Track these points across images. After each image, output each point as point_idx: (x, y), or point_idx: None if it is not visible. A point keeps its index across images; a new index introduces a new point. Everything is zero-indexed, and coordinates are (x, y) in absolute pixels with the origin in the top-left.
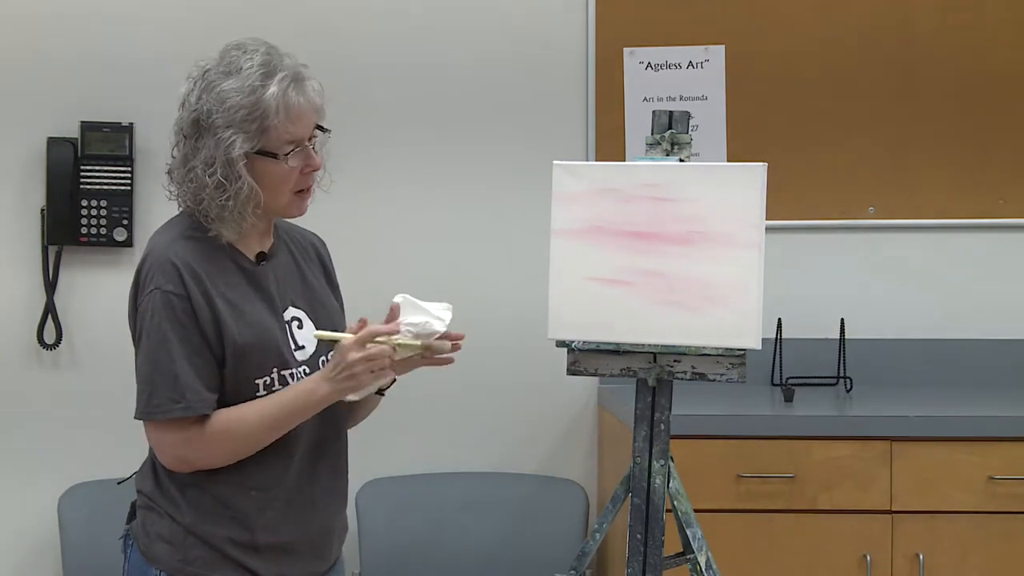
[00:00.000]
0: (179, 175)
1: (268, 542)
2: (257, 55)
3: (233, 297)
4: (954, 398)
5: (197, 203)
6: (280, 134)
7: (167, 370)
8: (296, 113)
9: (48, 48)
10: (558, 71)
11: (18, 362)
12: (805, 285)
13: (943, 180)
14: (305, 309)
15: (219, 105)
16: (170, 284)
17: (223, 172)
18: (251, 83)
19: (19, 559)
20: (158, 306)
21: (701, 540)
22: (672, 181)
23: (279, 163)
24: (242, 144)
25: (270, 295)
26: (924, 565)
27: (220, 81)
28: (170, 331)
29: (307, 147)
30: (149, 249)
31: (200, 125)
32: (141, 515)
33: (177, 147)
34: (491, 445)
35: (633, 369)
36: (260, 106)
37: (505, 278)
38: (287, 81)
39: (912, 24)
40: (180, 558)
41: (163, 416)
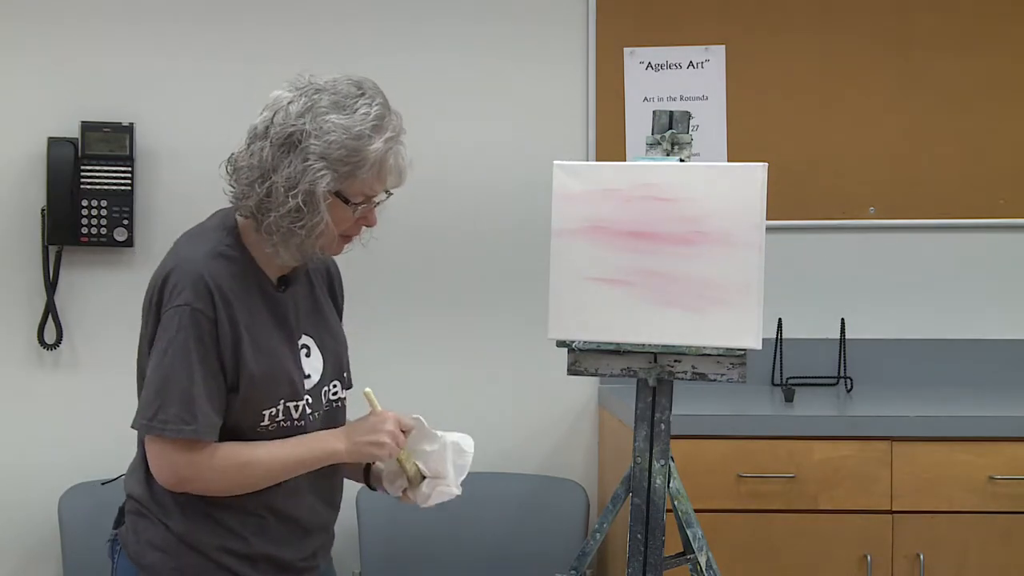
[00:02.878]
0: (250, 178)
1: (263, 553)
2: (374, 105)
3: (254, 324)
4: (954, 398)
5: (261, 213)
6: (362, 186)
7: (183, 389)
8: (386, 174)
9: (48, 48)
10: (558, 71)
11: (18, 362)
12: (805, 285)
13: (943, 180)
14: (315, 337)
15: (321, 134)
16: (200, 303)
17: (304, 199)
18: (360, 129)
19: (19, 559)
20: (186, 322)
21: (701, 540)
22: (672, 181)
23: (347, 209)
24: (329, 182)
25: (288, 323)
26: (924, 565)
27: (329, 111)
28: (194, 350)
29: (373, 204)
30: (181, 258)
31: (292, 142)
32: (131, 520)
33: (255, 149)
34: (491, 445)
35: (633, 369)
36: (359, 155)
37: (505, 279)
38: (392, 142)
39: (912, 24)
40: (173, 566)
41: (171, 434)
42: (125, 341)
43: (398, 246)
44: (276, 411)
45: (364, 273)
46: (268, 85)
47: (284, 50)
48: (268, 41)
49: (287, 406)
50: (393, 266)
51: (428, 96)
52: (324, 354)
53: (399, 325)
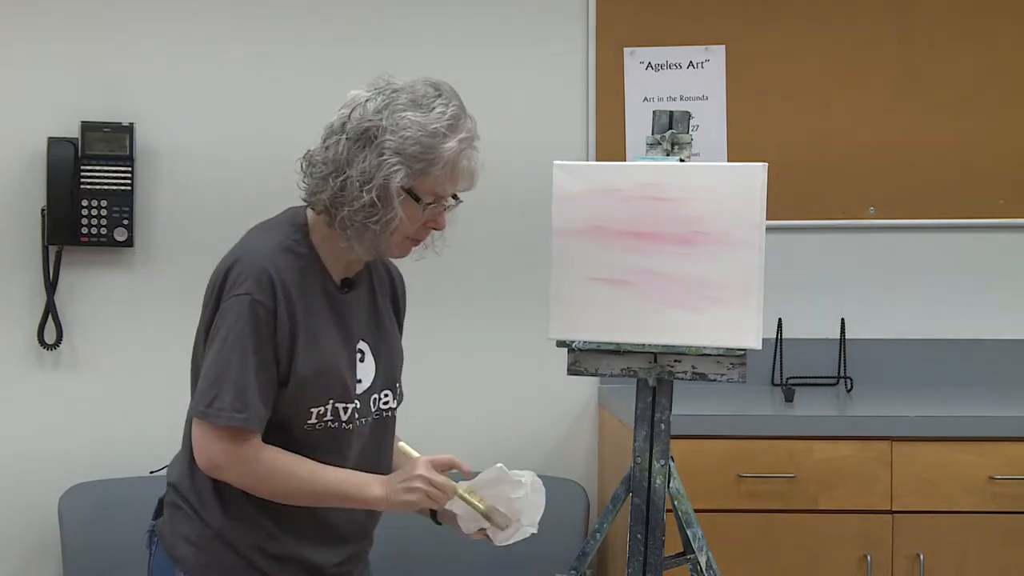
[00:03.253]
0: (324, 172)
1: (295, 555)
2: (451, 106)
3: (313, 322)
4: (954, 398)
5: (336, 208)
6: (434, 185)
7: (238, 377)
8: (458, 175)
9: (48, 48)
10: (558, 71)
11: (18, 362)
12: (805, 285)
13: (943, 180)
14: (370, 344)
15: (398, 129)
16: (261, 294)
17: (378, 194)
18: (436, 127)
19: (19, 559)
20: (244, 311)
21: (701, 540)
22: (672, 181)
23: (417, 208)
24: (403, 177)
25: (347, 324)
26: (924, 565)
27: (406, 109)
28: (250, 339)
29: (443, 206)
30: (246, 250)
31: (368, 136)
32: (168, 512)
33: (331, 145)
34: (491, 445)
35: (633, 369)
36: (434, 152)
37: (505, 278)
38: (466, 143)
39: (912, 24)
40: (205, 562)
41: (223, 422)
42: (125, 341)
43: None
44: (324, 410)
45: None
46: (268, 85)
47: (284, 50)
48: (268, 41)
49: (336, 406)
50: None
51: None
52: (377, 361)
53: None
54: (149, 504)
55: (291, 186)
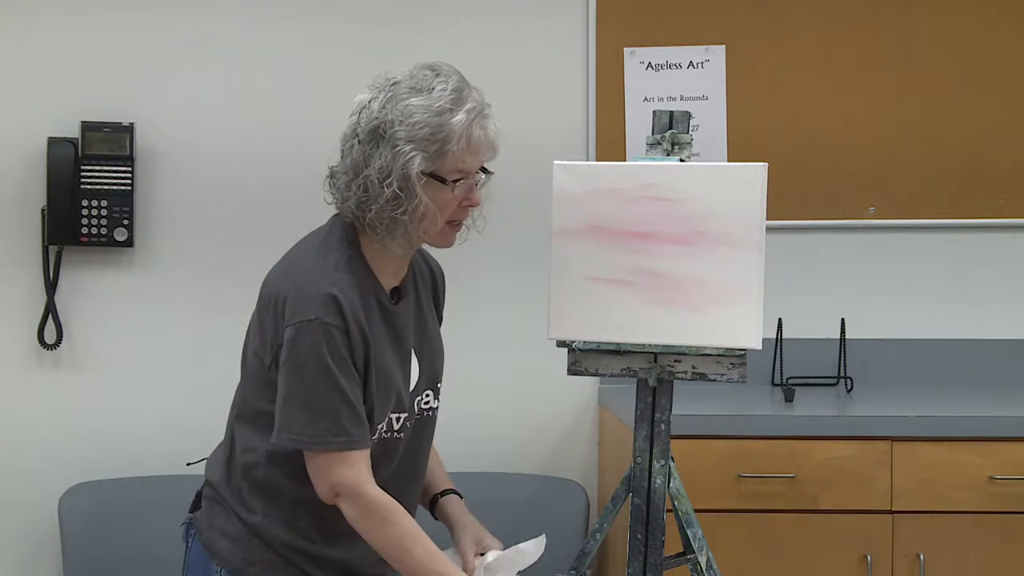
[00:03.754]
0: (346, 180)
1: (332, 558)
2: (451, 81)
3: (375, 338)
4: (954, 398)
5: (363, 212)
6: (455, 162)
7: (328, 402)
8: (475, 146)
9: (48, 48)
10: (558, 71)
11: (18, 362)
12: (805, 285)
13: (943, 180)
14: (416, 348)
15: (404, 119)
16: (331, 317)
17: (400, 185)
18: (440, 105)
19: (19, 559)
20: (319, 337)
21: (701, 540)
22: (672, 181)
23: (445, 189)
24: (420, 162)
25: (401, 336)
26: (925, 565)
27: (408, 96)
28: (332, 363)
29: (472, 181)
30: (299, 269)
31: (379, 134)
32: (207, 506)
33: (347, 152)
34: (491, 445)
35: (633, 369)
36: (444, 129)
37: (505, 278)
38: (474, 113)
39: (912, 24)
40: (243, 558)
41: (323, 447)
42: (125, 341)
43: None
44: (385, 424)
45: None
46: (268, 85)
47: (284, 49)
48: (268, 41)
49: (390, 418)
50: None
51: None
52: (422, 364)
53: None
54: (149, 504)
55: (291, 186)
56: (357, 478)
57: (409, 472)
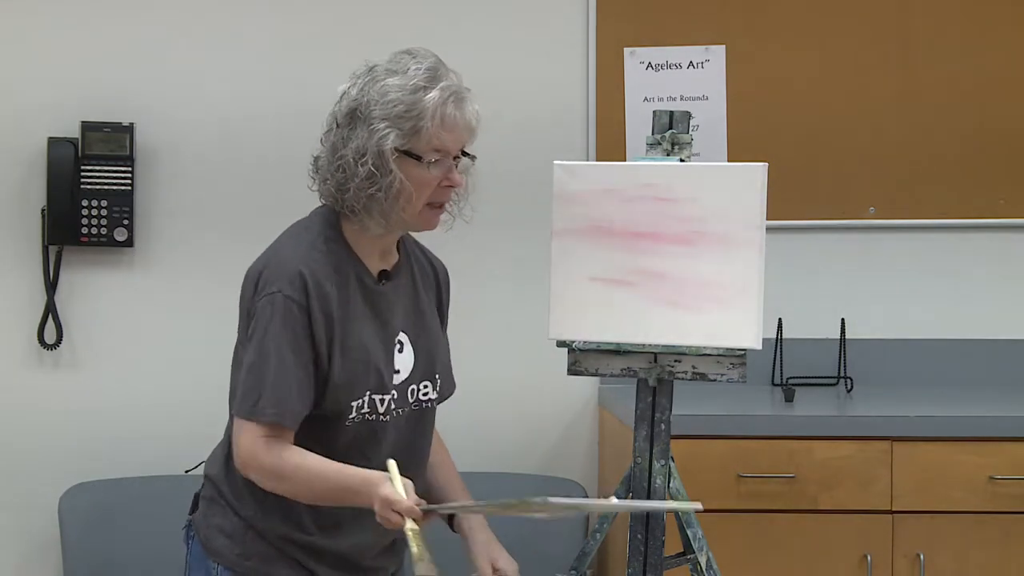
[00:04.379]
0: (326, 163)
1: (327, 548)
2: (426, 62)
3: (349, 316)
4: (954, 398)
5: (342, 193)
6: (430, 139)
7: (269, 374)
8: (450, 124)
9: (48, 48)
10: (558, 71)
11: (18, 362)
12: (805, 285)
13: (943, 180)
14: (410, 334)
15: (379, 98)
16: (293, 291)
17: (374, 162)
18: (415, 83)
19: (19, 559)
20: (278, 308)
21: (701, 540)
22: (673, 181)
23: (421, 167)
24: (394, 139)
25: (385, 317)
26: (924, 565)
27: (385, 77)
28: (283, 335)
29: (450, 161)
30: (278, 250)
31: (356, 115)
32: (204, 506)
33: (327, 137)
34: (491, 445)
35: (633, 369)
36: (418, 107)
37: (505, 278)
38: (449, 92)
39: (912, 24)
40: (239, 552)
41: (256, 418)
42: (125, 341)
43: None
44: (362, 402)
45: None
46: (269, 84)
47: (285, 49)
48: (268, 41)
49: (372, 398)
50: None
51: None
52: (417, 352)
53: None
54: (149, 504)
55: (291, 185)
56: (269, 449)
57: (409, 463)
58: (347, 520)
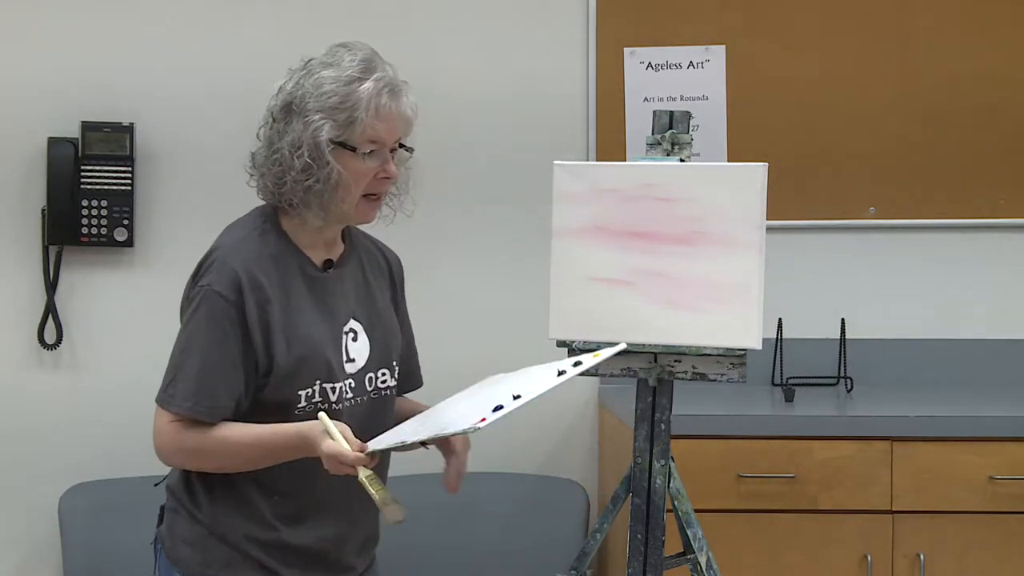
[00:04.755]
0: (263, 157)
1: (295, 544)
2: (360, 53)
3: (290, 306)
4: (954, 398)
5: (279, 187)
6: (365, 130)
7: (192, 367)
8: (385, 114)
9: (48, 48)
10: (558, 71)
11: (18, 362)
12: (805, 285)
13: (943, 180)
14: (363, 322)
15: (314, 90)
16: (222, 286)
17: (310, 154)
18: (349, 74)
19: (19, 559)
20: (205, 303)
21: (702, 540)
22: (673, 181)
23: (357, 158)
24: (329, 130)
25: (331, 305)
26: (925, 565)
27: (320, 70)
28: (209, 331)
29: (386, 152)
30: (217, 244)
31: (291, 109)
32: (168, 518)
33: (263, 131)
34: (491, 445)
35: (634, 369)
36: (352, 98)
37: (505, 278)
38: (383, 83)
39: (912, 24)
40: (201, 560)
41: (171, 408)
42: (125, 341)
43: (400, 247)
44: (312, 392)
45: None
46: (269, 84)
47: (285, 49)
48: (268, 40)
49: (324, 387)
50: None
51: (427, 95)
52: (372, 340)
53: None
54: (149, 504)
55: None
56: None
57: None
58: (308, 510)
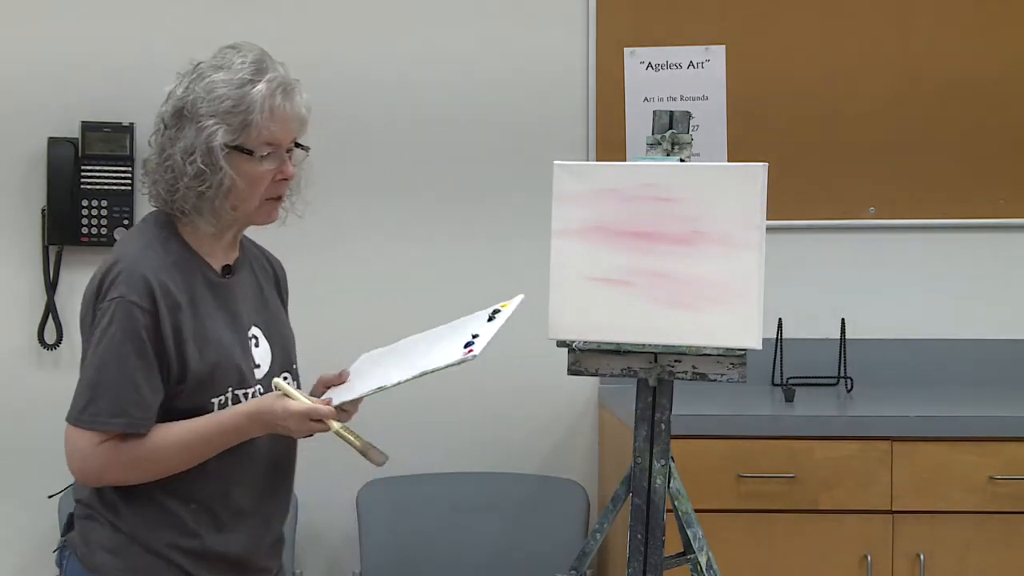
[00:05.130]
0: (155, 165)
1: (216, 551)
2: (251, 55)
3: (198, 313)
4: (954, 398)
5: (172, 194)
6: (260, 132)
7: (115, 382)
8: (280, 115)
9: (48, 48)
10: (558, 71)
11: (18, 362)
12: (805, 285)
13: (943, 180)
14: (263, 328)
15: (206, 95)
16: (136, 296)
17: (203, 160)
18: (241, 77)
19: (19, 559)
20: (119, 315)
21: (702, 540)
22: (673, 181)
23: (254, 161)
24: (223, 135)
25: (234, 311)
26: (925, 565)
27: (211, 73)
28: (127, 343)
29: (283, 153)
30: (118, 255)
31: (183, 114)
32: (80, 525)
33: (154, 138)
34: (491, 445)
35: (634, 369)
36: (246, 101)
37: (505, 278)
38: (276, 84)
39: (912, 24)
40: (123, 567)
41: (99, 427)
42: None
43: (403, 247)
44: (225, 399)
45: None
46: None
47: (285, 49)
48: (268, 39)
49: (236, 394)
50: (397, 268)
51: (426, 95)
52: (272, 346)
53: (398, 327)
54: None
55: None
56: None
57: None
58: (226, 516)
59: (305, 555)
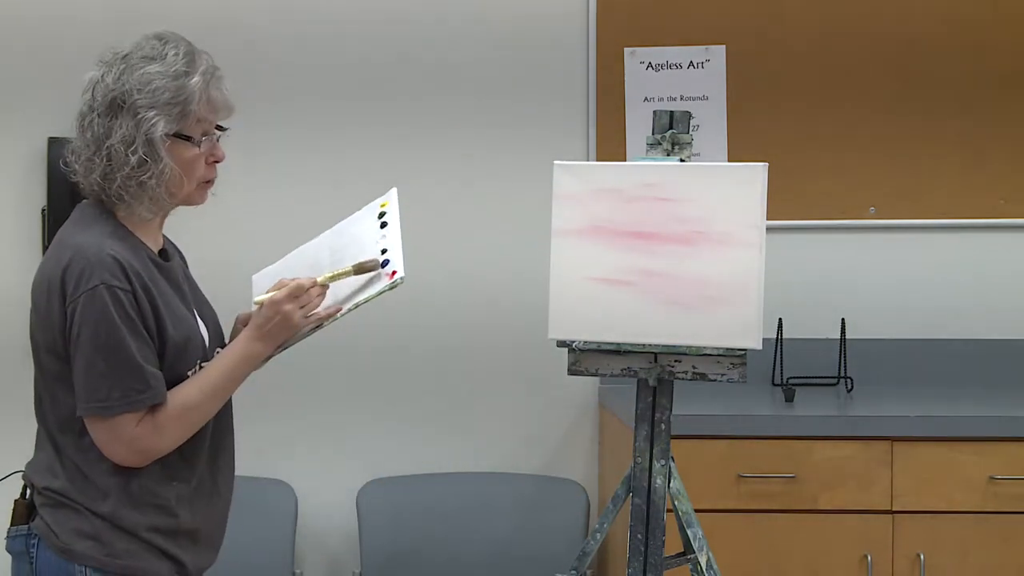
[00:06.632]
0: (88, 154)
1: (187, 528)
2: (181, 46)
3: (161, 293)
4: (954, 398)
5: (109, 183)
6: (198, 120)
7: (127, 362)
8: (215, 104)
9: (48, 48)
10: (558, 71)
11: (18, 362)
12: (805, 285)
13: (943, 180)
14: (195, 307)
15: (143, 86)
16: (115, 279)
17: (145, 151)
18: (176, 69)
19: None
20: (106, 301)
21: (702, 540)
22: (673, 181)
23: (192, 148)
24: (164, 126)
25: (182, 290)
26: (925, 565)
27: (143, 65)
28: (122, 324)
29: (214, 139)
30: (76, 249)
31: (117, 104)
32: (48, 513)
33: (86, 127)
34: (491, 445)
35: (634, 369)
36: (184, 91)
37: (505, 278)
38: (209, 74)
39: (912, 24)
40: (106, 552)
41: (134, 407)
42: None
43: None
44: (194, 372)
45: None
46: None
47: (285, 48)
48: (268, 39)
49: (201, 367)
50: None
51: (426, 95)
52: (206, 322)
53: (398, 325)
54: None
55: None
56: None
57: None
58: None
59: (305, 555)
